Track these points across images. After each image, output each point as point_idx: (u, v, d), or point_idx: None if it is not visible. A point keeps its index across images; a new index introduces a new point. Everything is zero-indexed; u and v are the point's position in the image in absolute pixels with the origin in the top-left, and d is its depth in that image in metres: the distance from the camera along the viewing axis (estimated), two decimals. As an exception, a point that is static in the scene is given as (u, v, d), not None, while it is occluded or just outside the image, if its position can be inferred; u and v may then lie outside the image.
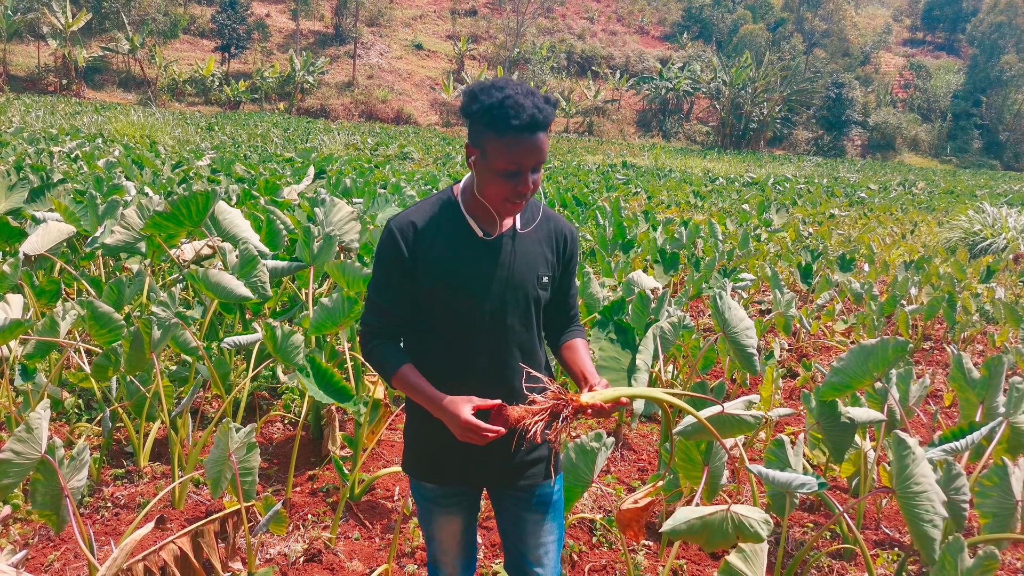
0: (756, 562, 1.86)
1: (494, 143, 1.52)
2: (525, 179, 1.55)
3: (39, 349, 3.38)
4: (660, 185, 19.60)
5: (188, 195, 4.05)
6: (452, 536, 1.86)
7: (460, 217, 1.67)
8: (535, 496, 1.79)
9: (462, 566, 1.92)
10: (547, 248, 1.73)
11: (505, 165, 1.53)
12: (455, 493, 1.81)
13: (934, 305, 6.25)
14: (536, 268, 1.70)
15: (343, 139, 26.41)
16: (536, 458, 1.77)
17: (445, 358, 1.69)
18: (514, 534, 1.82)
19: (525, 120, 1.49)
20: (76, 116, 25.81)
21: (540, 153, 1.53)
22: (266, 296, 3.85)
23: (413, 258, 1.64)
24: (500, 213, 1.63)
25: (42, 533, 2.85)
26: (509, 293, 1.67)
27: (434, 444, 1.75)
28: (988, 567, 1.98)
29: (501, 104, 1.49)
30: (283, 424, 4.05)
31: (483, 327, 1.66)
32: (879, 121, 52.92)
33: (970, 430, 2.58)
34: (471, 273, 1.64)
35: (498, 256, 1.66)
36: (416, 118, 46.33)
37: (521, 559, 1.82)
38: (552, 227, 1.75)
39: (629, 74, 53.73)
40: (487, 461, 1.73)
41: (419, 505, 1.86)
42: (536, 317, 1.73)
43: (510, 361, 1.69)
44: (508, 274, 1.66)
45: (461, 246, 1.65)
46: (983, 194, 22.85)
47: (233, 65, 46.15)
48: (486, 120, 1.52)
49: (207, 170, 11.46)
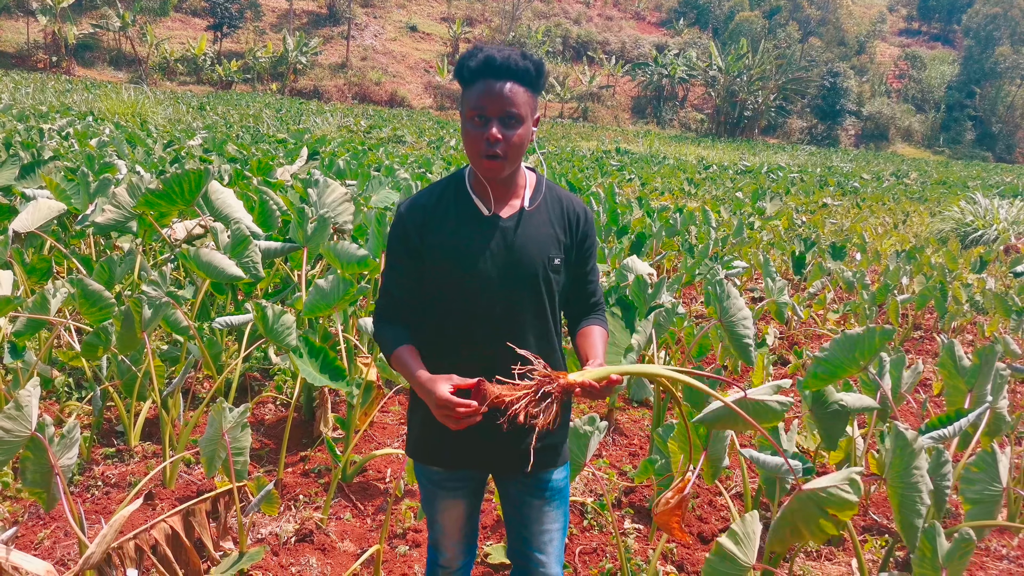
0: (748, 544, 1.87)
1: (465, 95, 1.55)
2: (491, 127, 1.50)
3: (29, 327, 3.36)
4: (654, 172, 19.58)
5: (181, 173, 4.01)
6: (455, 521, 1.83)
7: (465, 195, 1.65)
8: (541, 482, 1.75)
9: (463, 551, 1.90)
10: (559, 228, 1.67)
11: (470, 113, 1.53)
12: (460, 477, 1.77)
13: (925, 295, 6.28)
14: (547, 249, 1.64)
15: (336, 121, 26.23)
16: (545, 445, 1.72)
17: (451, 342, 1.65)
18: (518, 520, 1.79)
19: (480, 59, 1.50)
20: (66, 94, 25.52)
21: (505, 101, 1.50)
22: (258, 277, 3.83)
23: (420, 240, 1.62)
24: (482, 173, 1.58)
25: (32, 511, 2.85)
26: (516, 274, 1.61)
27: (437, 428, 1.67)
28: (965, 550, 2.00)
29: (472, 55, 1.53)
30: (275, 405, 4.04)
31: (488, 309, 1.61)
32: (873, 111, 52.96)
33: (957, 417, 2.60)
34: (475, 251, 1.60)
35: (503, 234, 1.62)
36: (410, 101, 46.05)
37: (524, 545, 1.79)
38: (564, 207, 1.70)
39: (624, 60, 53.52)
40: (494, 446, 1.69)
41: (423, 488, 1.83)
42: (549, 301, 1.67)
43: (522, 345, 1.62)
44: (515, 254, 1.61)
45: (465, 224, 1.62)
46: (975, 185, 22.94)
47: (225, 44, 45.69)
48: (458, 73, 1.55)
49: (199, 150, 11.37)
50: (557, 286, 1.68)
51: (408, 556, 2.75)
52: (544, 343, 1.68)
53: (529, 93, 1.55)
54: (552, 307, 1.68)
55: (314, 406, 3.68)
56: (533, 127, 1.61)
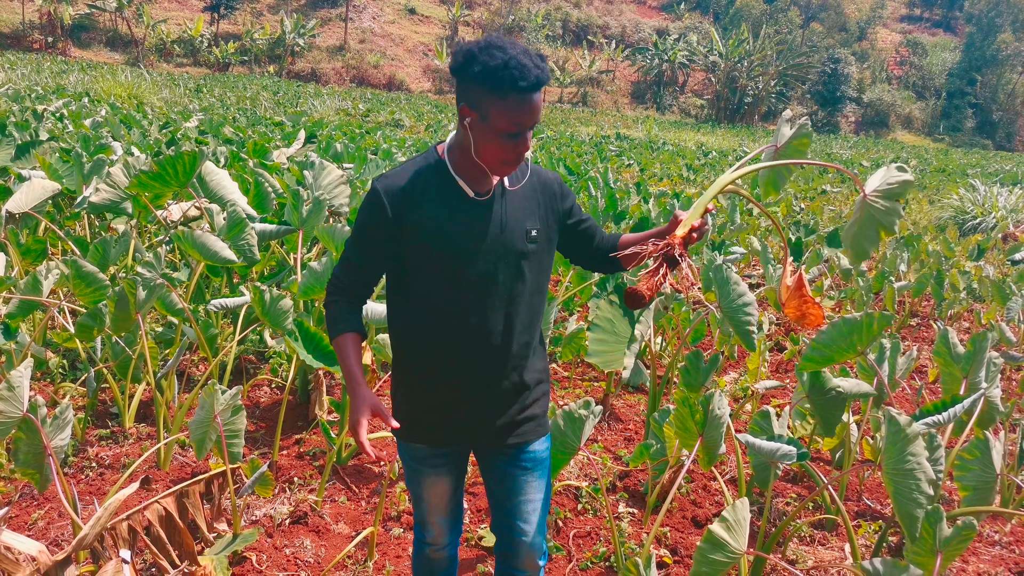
0: (739, 531, 1.87)
1: (497, 105, 1.50)
2: (525, 139, 1.54)
3: (22, 308, 3.34)
4: (653, 157, 19.51)
5: (175, 155, 3.99)
6: (440, 496, 1.85)
7: (449, 178, 1.64)
8: (524, 453, 1.79)
9: (448, 527, 1.92)
10: (533, 201, 1.71)
11: (507, 127, 1.52)
12: (443, 453, 1.80)
13: (922, 282, 6.28)
14: (524, 222, 1.68)
15: (334, 104, 26.09)
16: (526, 417, 1.77)
17: (443, 323, 1.66)
18: (501, 492, 1.82)
19: (532, 81, 1.48)
20: (62, 75, 25.34)
21: (539, 112, 1.55)
22: (254, 259, 3.81)
23: (397, 220, 1.61)
24: (496, 174, 1.62)
25: (25, 492, 2.84)
26: (502, 252, 1.64)
27: (421, 406, 1.74)
28: (966, 537, 2.01)
29: (506, 66, 1.46)
30: (270, 388, 4.04)
31: (473, 288, 1.64)
32: (874, 98, 52.75)
33: (951, 404, 2.60)
34: (463, 234, 1.62)
35: (490, 216, 1.64)
36: (408, 84, 45.79)
37: (507, 516, 1.82)
38: (538, 179, 1.74)
39: (625, 44, 53.18)
40: (477, 422, 1.73)
41: (406, 466, 1.85)
42: (531, 274, 1.70)
43: (506, 322, 1.68)
44: (501, 233, 1.64)
45: (451, 207, 1.63)
46: (975, 173, 22.90)
47: (222, 26, 45.34)
48: (490, 83, 1.48)
49: (195, 132, 11.30)
50: (535, 256, 1.71)
51: (402, 538, 2.76)
52: (526, 313, 1.71)
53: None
54: (535, 278, 1.71)
55: (309, 389, 3.68)
56: None
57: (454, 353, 1.66)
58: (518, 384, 1.74)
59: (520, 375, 1.73)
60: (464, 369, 1.69)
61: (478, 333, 1.66)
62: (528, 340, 1.74)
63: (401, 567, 2.58)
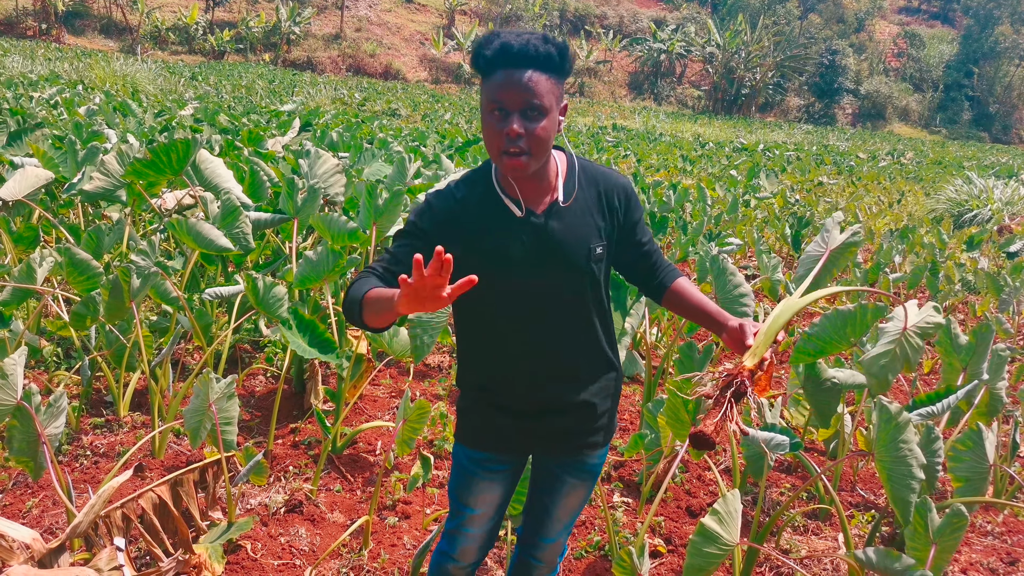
0: (730, 523, 1.87)
1: (482, 86, 1.41)
2: (511, 123, 1.37)
3: (16, 296, 3.32)
4: (650, 148, 19.48)
5: (169, 142, 3.96)
6: (488, 506, 1.76)
7: (494, 195, 1.52)
8: (583, 463, 1.72)
9: (482, 543, 1.83)
10: (597, 215, 1.56)
11: (487, 106, 1.40)
12: (505, 460, 1.72)
13: (917, 273, 6.29)
14: (587, 240, 1.54)
15: (330, 93, 25.97)
16: (591, 430, 1.69)
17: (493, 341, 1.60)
18: (546, 492, 1.77)
19: (496, 46, 1.37)
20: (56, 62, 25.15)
21: (525, 91, 1.36)
22: (248, 248, 3.79)
23: (447, 237, 1.49)
24: (506, 172, 1.45)
25: (19, 480, 2.84)
26: (558, 271, 1.52)
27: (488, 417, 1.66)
28: (957, 525, 2.02)
29: (481, 40, 1.41)
30: (265, 377, 4.03)
31: (532, 308, 1.54)
32: (871, 90, 52.67)
33: (945, 394, 2.61)
34: (508, 255, 1.50)
35: (541, 234, 1.50)
36: (404, 74, 45.56)
37: (544, 514, 1.79)
38: (601, 188, 1.57)
39: (622, 35, 52.97)
40: (541, 435, 1.67)
41: (460, 470, 1.74)
42: (593, 291, 1.59)
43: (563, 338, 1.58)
44: (553, 254, 1.51)
45: (494, 227, 1.51)
46: (971, 165, 22.91)
47: (217, 14, 45.01)
48: (473, 63, 1.43)
49: (190, 120, 11.24)
50: (601, 275, 1.59)
51: (397, 527, 2.76)
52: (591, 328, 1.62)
53: (553, 81, 1.41)
54: (597, 293, 1.60)
55: (304, 378, 3.67)
56: (560, 116, 1.46)
57: (517, 375, 1.59)
58: (584, 397, 1.64)
59: (586, 391, 1.65)
60: (529, 389, 1.61)
61: (542, 354, 1.58)
62: (596, 352, 1.65)
63: (395, 555, 2.59)
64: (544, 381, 1.61)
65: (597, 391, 1.66)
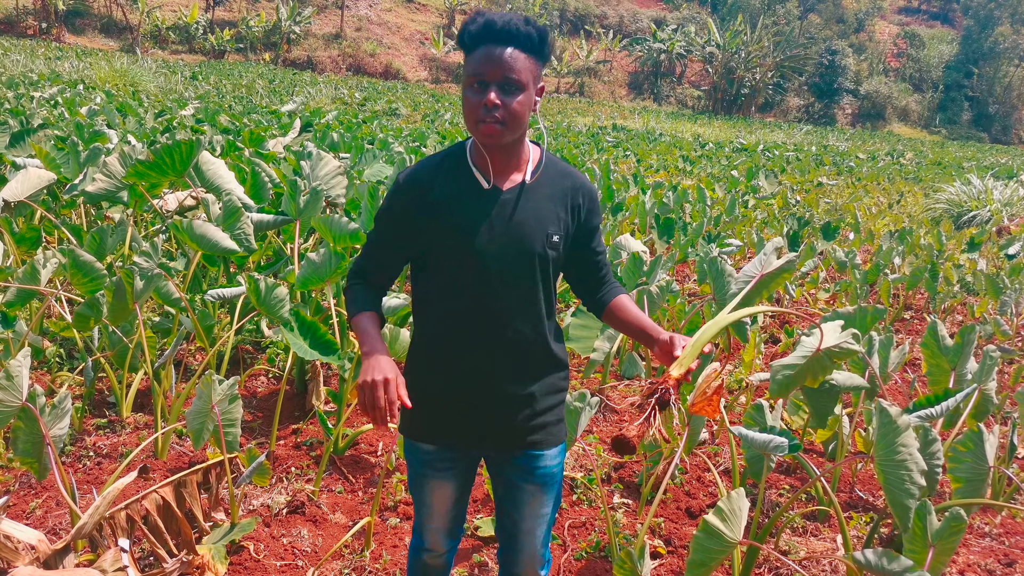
0: (734, 521, 1.89)
1: (465, 62, 1.54)
2: (489, 92, 1.48)
3: (19, 297, 3.34)
4: (650, 149, 19.50)
5: (171, 144, 3.98)
6: (442, 502, 1.79)
7: (465, 166, 1.62)
8: (536, 466, 1.72)
9: (447, 536, 1.87)
10: (559, 205, 1.63)
11: (469, 78, 1.51)
12: (451, 457, 1.74)
13: (916, 275, 6.31)
14: (546, 225, 1.60)
15: (330, 92, 25.98)
16: (537, 424, 1.70)
17: (447, 316, 1.64)
18: (508, 502, 1.78)
19: (480, 23, 1.49)
20: (57, 61, 25.16)
21: (504, 66, 1.47)
22: (250, 249, 3.81)
23: (417, 210, 1.60)
24: (479, 139, 1.54)
25: (24, 480, 2.85)
26: (514, 249, 1.59)
27: (429, 402, 1.68)
28: (955, 528, 2.03)
29: (467, 20, 1.53)
30: (267, 378, 4.05)
31: (485, 285, 1.59)
32: (871, 90, 52.67)
33: (944, 397, 2.62)
34: (472, 225, 1.58)
35: (503, 208, 1.59)
36: (405, 73, 45.57)
37: (514, 528, 1.79)
38: (568, 184, 1.66)
39: (622, 34, 52.98)
40: (484, 423, 1.68)
41: (412, 469, 1.79)
42: (543, 279, 1.64)
43: (510, 321, 1.62)
44: (514, 229, 1.58)
45: (464, 196, 1.60)
46: (970, 166, 22.92)
47: (218, 13, 45.01)
48: (459, 40, 1.55)
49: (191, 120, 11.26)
50: (554, 263, 1.65)
51: (399, 528, 2.78)
52: (533, 318, 1.65)
53: (531, 60, 1.51)
54: (545, 283, 1.65)
55: (306, 379, 3.69)
56: (537, 97, 1.56)
57: (463, 351, 1.62)
58: (529, 389, 1.67)
59: (532, 379, 1.67)
60: (473, 368, 1.64)
61: (488, 332, 1.61)
62: (542, 345, 1.68)
63: (397, 556, 2.60)
64: (490, 365, 1.63)
65: (541, 387, 1.69)
